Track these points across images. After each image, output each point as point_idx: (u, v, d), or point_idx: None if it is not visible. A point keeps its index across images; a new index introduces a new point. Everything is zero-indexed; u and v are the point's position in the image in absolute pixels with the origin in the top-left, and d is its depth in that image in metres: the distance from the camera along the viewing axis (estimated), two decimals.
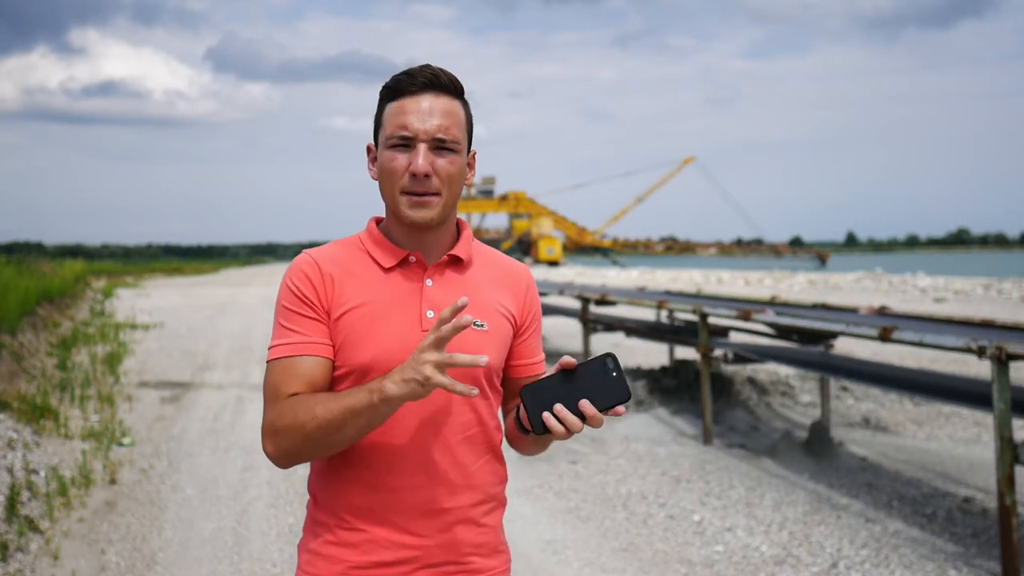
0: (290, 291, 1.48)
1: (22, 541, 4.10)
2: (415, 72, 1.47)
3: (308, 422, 1.37)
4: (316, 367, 1.44)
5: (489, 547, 1.54)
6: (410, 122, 1.44)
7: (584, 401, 1.35)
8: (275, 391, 1.44)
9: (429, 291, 1.50)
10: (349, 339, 1.45)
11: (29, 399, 6.90)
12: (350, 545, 1.47)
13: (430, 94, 1.46)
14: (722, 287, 27.89)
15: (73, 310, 17.24)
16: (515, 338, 1.58)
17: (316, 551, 1.50)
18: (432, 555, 1.48)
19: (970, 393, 4.47)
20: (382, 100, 1.50)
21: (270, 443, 1.42)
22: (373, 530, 1.47)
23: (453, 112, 1.47)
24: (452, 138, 1.46)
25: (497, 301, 1.55)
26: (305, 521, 1.56)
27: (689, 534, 4.41)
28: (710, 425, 6.26)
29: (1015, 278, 26.88)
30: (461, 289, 1.52)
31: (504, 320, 1.55)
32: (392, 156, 1.46)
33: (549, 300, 12.77)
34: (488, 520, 1.54)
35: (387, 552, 1.46)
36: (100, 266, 44.38)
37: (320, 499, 1.52)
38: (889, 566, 3.92)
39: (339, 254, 1.52)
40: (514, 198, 69.06)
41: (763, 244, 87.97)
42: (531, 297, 1.61)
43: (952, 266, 47.98)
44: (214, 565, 4.06)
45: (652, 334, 8.42)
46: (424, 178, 1.44)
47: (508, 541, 1.62)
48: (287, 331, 1.46)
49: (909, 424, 6.80)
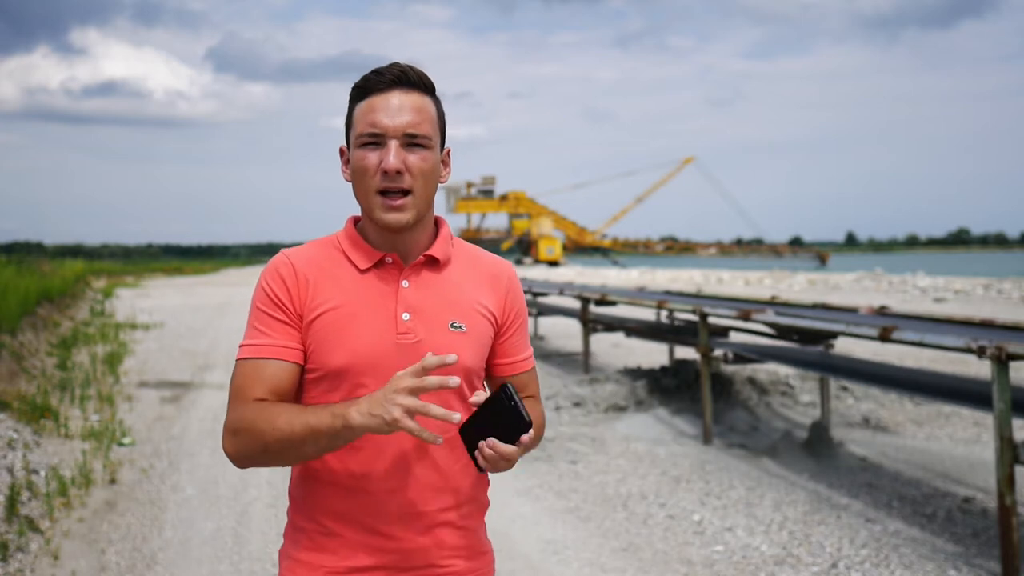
0: (264, 292, 1.47)
1: (22, 541, 4.10)
2: (383, 70, 1.45)
3: (268, 432, 1.36)
4: (282, 372, 1.43)
5: (470, 549, 1.53)
6: (379, 119, 1.42)
7: (491, 439, 1.34)
8: (240, 392, 1.43)
9: (405, 292, 1.48)
10: (323, 341, 1.44)
11: (29, 399, 6.90)
12: (328, 550, 1.46)
13: (399, 90, 1.44)
14: (722, 287, 27.89)
15: (73, 310, 17.24)
16: (498, 337, 1.56)
17: (295, 557, 1.48)
18: (411, 559, 1.47)
19: (970, 393, 4.47)
20: (352, 100, 1.48)
21: (229, 443, 1.42)
22: (351, 534, 1.46)
23: (423, 108, 1.45)
24: (423, 133, 1.44)
25: (477, 301, 1.53)
26: (286, 527, 1.54)
27: (689, 534, 4.41)
28: (710, 425, 6.26)
29: (1015, 278, 26.89)
30: (438, 289, 1.50)
31: (484, 320, 1.52)
32: (363, 155, 1.44)
33: (549, 300, 12.76)
34: (468, 523, 1.53)
35: (366, 557, 1.45)
36: (100, 266, 44.38)
37: (299, 504, 1.51)
38: (889, 566, 3.92)
39: (316, 254, 1.50)
40: (514, 198, 69.10)
41: (763, 244, 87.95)
42: (513, 295, 1.58)
43: (952, 266, 47.98)
44: (214, 565, 4.06)
45: (652, 334, 8.42)
46: (396, 175, 1.42)
47: (508, 541, 1.62)
48: (257, 332, 1.45)
49: (909, 424, 6.80)
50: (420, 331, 1.46)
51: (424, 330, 1.46)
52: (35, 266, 20.60)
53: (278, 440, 1.35)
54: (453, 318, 1.49)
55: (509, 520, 4.59)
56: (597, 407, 7.22)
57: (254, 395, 1.42)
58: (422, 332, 1.46)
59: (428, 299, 1.48)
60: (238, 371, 1.45)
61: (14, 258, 22.68)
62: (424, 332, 1.46)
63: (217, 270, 58.11)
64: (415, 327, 1.46)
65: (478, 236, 70.23)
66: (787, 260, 72.70)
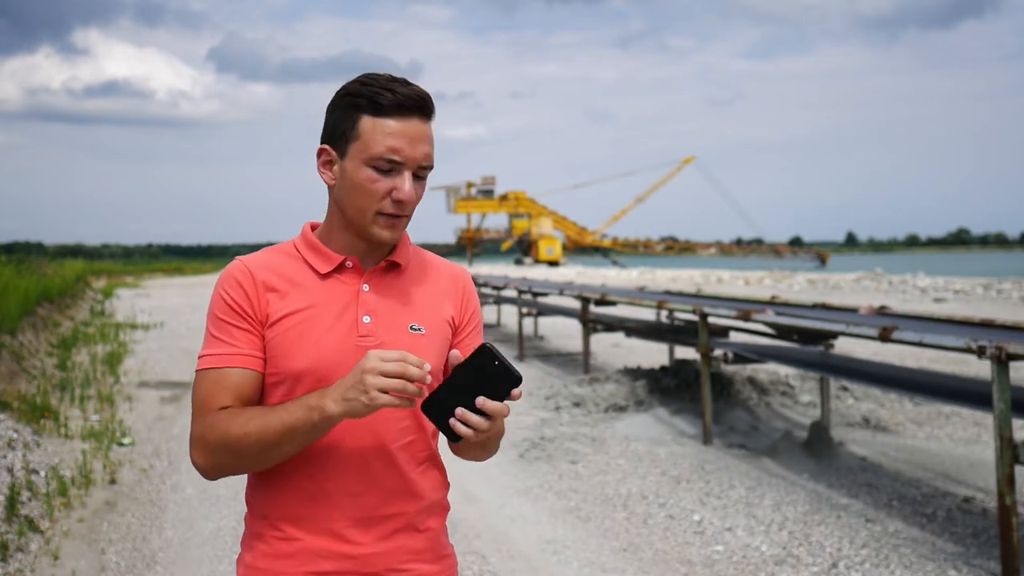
0: (222, 300, 1.45)
1: (22, 541, 4.10)
2: (400, 91, 1.42)
3: (242, 439, 1.36)
4: (246, 380, 1.42)
5: (431, 552, 1.52)
6: (401, 148, 1.41)
7: (480, 398, 1.33)
8: (204, 403, 1.42)
9: (366, 296, 1.48)
10: (284, 346, 1.43)
11: (29, 399, 6.91)
12: (286, 556, 1.44)
13: (418, 119, 1.43)
14: (722, 287, 27.89)
15: (73, 310, 17.25)
16: (455, 337, 1.58)
17: (252, 564, 1.47)
18: (371, 563, 1.45)
19: (970, 393, 4.47)
20: (357, 108, 1.43)
21: (200, 456, 1.41)
22: (310, 539, 1.44)
23: (432, 139, 1.47)
24: (431, 165, 1.46)
25: (435, 305, 1.54)
26: (243, 534, 1.53)
27: (689, 534, 4.41)
28: (710, 425, 6.26)
29: (1015, 278, 26.87)
30: (398, 293, 1.51)
31: (442, 323, 1.54)
32: (374, 177, 1.42)
33: (549, 300, 12.76)
34: (430, 525, 1.52)
35: (325, 562, 1.44)
36: (100, 266, 44.39)
37: (256, 509, 1.49)
38: (889, 566, 3.92)
39: (273, 261, 1.50)
40: (514, 198, 69.06)
41: (763, 244, 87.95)
42: (468, 297, 1.60)
43: (952, 266, 47.97)
44: (214, 565, 4.06)
45: (652, 334, 8.42)
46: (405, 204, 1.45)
47: (508, 541, 1.62)
48: (217, 341, 1.44)
49: (909, 424, 6.80)
50: (381, 333, 1.46)
51: (384, 332, 1.47)
52: (35, 266, 20.59)
53: (254, 444, 1.35)
54: (413, 320, 1.50)
55: (509, 520, 4.59)
56: (597, 407, 7.22)
57: (220, 404, 1.41)
58: (383, 335, 1.46)
59: (388, 302, 1.49)
60: (200, 382, 1.43)
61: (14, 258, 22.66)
62: (384, 335, 1.47)
63: (217, 270, 58.07)
64: (375, 329, 1.46)
65: (478, 236, 70.27)
66: (787, 260, 72.68)
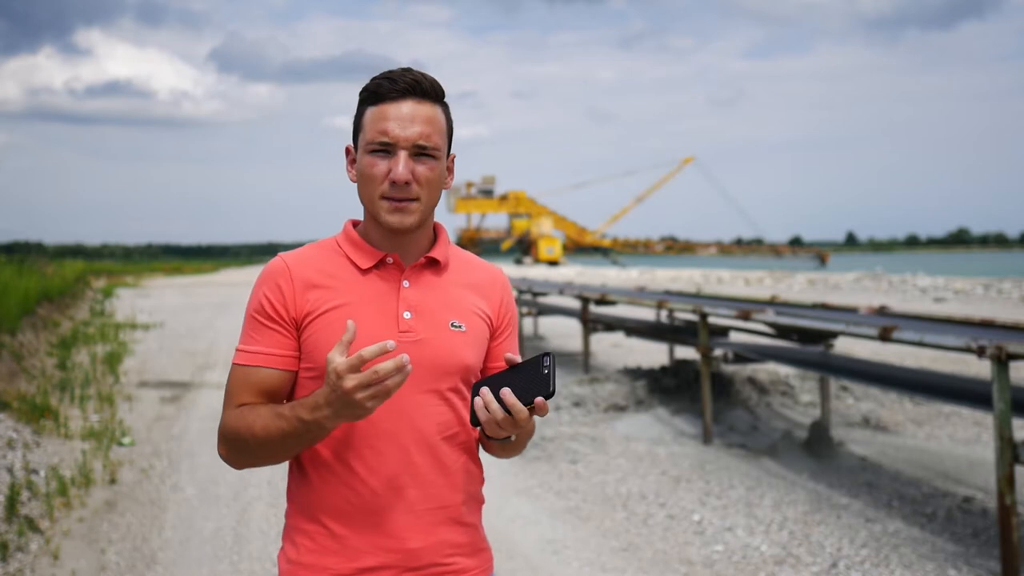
0: (258, 300, 1.48)
1: (22, 541, 4.10)
2: (396, 76, 1.45)
3: (249, 439, 1.42)
4: (271, 379, 1.46)
5: (472, 546, 1.53)
6: (391, 128, 1.43)
7: (505, 390, 1.36)
8: (228, 398, 1.48)
9: (406, 292, 1.49)
10: (323, 340, 1.44)
11: (29, 399, 6.91)
12: (332, 552, 1.45)
13: (411, 100, 1.45)
14: (722, 287, 27.89)
15: (73, 310, 17.25)
16: (491, 340, 1.59)
17: (297, 561, 1.47)
18: (416, 558, 1.46)
19: (970, 393, 4.47)
20: (362, 103, 1.49)
21: (220, 446, 1.49)
22: (355, 535, 1.45)
23: (434, 118, 1.46)
24: (433, 145, 1.46)
25: (473, 303, 1.55)
26: (284, 530, 1.53)
27: (689, 534, 4.41)
28: (710, 425, 6.26)
29: (1015, 278, 26.87)
30: (438, 290, 1.52)
31: (481, 321, 1.55)
32: (372, 162, 1.45)
33: (549, 300, 12.76)
34: (469, 519, 1.53)
35: (370, 557, 1.45)
36: (100, 266, 44.40)
37: (299, 505, 1.50)
38: (889, 566, 3.92)
39: (315, 257, 1.52)
40: (514, 198, 69.01)
41: (763, 244, 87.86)
42: (506, 300, 1.61)
43: (952, 266, 47.94)
44: (214, 565, 4.06)
45: (652, 334, 8.42)
46: (404, 185, 1.44)
47: (508, 541, 1.63)
48: (249, 338, 1.48)
49: (909, 424, 6.80)
50: (421, 329, 1.48)
51: (425, 328, 1.48)
52: (35, 266, 20.59)
53: (260, 445, 1.42)
54: (453, 318, 1.51)
55: (509, 520, 4.59)
56: (597, 407, 7.22)
57: (240, 401, 1.46)
58: (423, 331, 1.48)
59: (429, 299, 1.50)
60: (231, 376, 1.49)
61: (14, 258, 22.66)
62: (425, 331, 1.48)
63: (217, 270, 58.09)
64: (416, 325, 1.47)
65: (478, 236, 70.23)
66: (787, 260, 72.64)
